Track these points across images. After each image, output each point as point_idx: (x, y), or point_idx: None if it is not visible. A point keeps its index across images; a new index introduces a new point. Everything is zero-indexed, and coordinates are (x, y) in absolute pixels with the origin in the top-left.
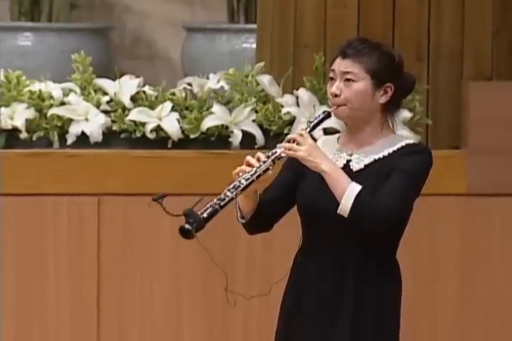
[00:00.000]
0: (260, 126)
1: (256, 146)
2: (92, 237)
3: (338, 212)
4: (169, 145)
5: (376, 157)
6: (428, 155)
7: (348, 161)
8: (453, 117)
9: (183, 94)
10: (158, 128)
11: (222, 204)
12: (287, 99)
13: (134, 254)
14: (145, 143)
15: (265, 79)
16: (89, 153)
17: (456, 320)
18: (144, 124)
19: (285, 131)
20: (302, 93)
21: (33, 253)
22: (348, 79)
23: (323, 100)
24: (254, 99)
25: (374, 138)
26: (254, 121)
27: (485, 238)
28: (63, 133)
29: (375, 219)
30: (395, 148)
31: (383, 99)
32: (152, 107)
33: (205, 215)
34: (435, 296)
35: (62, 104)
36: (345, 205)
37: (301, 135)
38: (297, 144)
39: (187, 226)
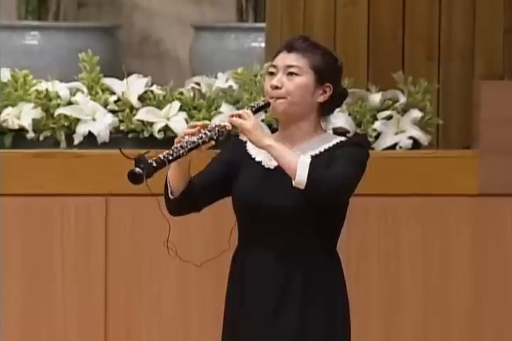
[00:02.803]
0: (269, 126)
1: None
2: (99, 238)
3: (293, 184)
4: None
5: (312, 153)
6: (363, 146)
7: None
8: (464, 117)
9: (191, 94)
10: (166, 128)
11: (170, 158)
12: None
13: (142, 255)
14: (153, 143)
15: None
16: (97, 153)
17: (469, 321)
18: (151, 124)
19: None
20: None
21: (40, 254)
22: (291, 73)
23: None
24: (263, 99)
25: (307, 135)
26: (263, 120)
27: (497, 238)
28: (70, 133)
29: (333, 185)
30: (330, 144)
31: (321, 98)
32: (160, 107)
33: (154, 164)
34: (447, 296)
35: (70, 103)
36: (301, 176)
37: (246, 113)
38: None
39: (137, 169)
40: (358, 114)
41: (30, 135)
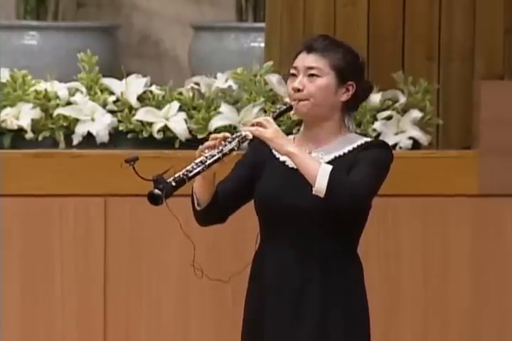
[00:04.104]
0: None
1: None
2: (98, 239)
3: (313, 192)
4: (176, 146)
5: (337, 154)
6: (387, 148)
7: None
8: (464, 117)
9: (191, 94)
10: (165, 129)
11: (190, 175)
12: None
13: (142, 256)
14: (152, 143)
15: (274, 79)
16: (96, 154)
17: (469, 321)
18: (151, 124)
19: (294, 131)
20: None
21: (39, 254)
22: (312, 75)
23: None
24: (262, 99)
25: (332, 136)
26: None
27: (497, 238)
28: (69, 133)
29: (354, 193)
30: (354, 145)
31: (344, 97)
32: (159, 107)
33: (173, 184)
34: (447, 297)
35: (68, 103)
36: (321, 184)
37: (266, 120)
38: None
39: (156, 191)
40: (358, 114)
41: (29, 135)
